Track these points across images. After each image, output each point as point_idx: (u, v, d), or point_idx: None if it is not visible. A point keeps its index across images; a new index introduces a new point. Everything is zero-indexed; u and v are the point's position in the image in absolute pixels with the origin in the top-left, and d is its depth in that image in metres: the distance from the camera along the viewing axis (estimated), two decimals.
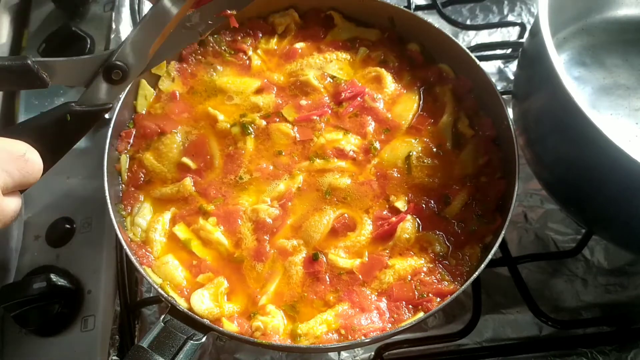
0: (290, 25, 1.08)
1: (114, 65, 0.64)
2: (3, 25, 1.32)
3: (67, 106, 0.63)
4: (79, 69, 0.64)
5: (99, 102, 0.66)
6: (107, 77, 0.65)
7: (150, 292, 1.00)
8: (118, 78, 0.66)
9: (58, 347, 0.95)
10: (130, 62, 0.65)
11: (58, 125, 0.63)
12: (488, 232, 0.89)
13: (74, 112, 0.64)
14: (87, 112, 0.65)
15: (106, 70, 0.64)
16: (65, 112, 0.63)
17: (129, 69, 0.66)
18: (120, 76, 0.65)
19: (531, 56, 0.89)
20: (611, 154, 0.70)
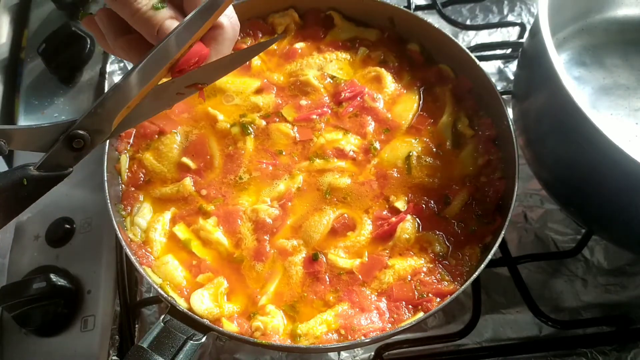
0: (290, 26, 1.08)
1: (76, 135, 0.62)
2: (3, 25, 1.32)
3: (24, 170, 0.61)
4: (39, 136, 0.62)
5: (59, 167, 0.64)
6: (68, 145, 0.63)
7: (150, 292, 1.00)
8: (79, 147, 0.64)
9: (58, 347, 0.95)
10: (93, 131, 0.63)
11: (14, 189, 0.61)
12: (488, 232, 0.89)
13: (31, 177, 0.61)
14: (45, 177, 0.63)
15: (67, 138, 0.62)
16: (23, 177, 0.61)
17: (92, 139, 0.64)
18: (82, 145, 0.63)
19: (531, 56, 0.89)
20: (611, 154, 0.70)
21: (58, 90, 1.22)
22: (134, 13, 0.62)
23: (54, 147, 0.62)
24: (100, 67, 1.22)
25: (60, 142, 0.62)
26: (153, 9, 0.62)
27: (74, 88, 1.22)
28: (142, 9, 0.62)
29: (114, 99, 0.63)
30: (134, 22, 0.63)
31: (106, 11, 0.68)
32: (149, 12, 0.62)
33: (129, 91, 0.63)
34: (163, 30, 0.62)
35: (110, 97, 0.62)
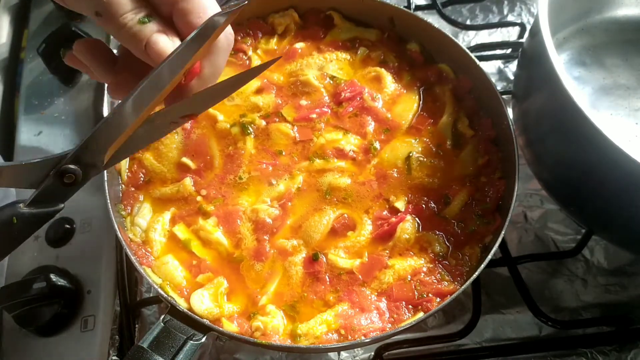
0: (290, 26, 1.08)
1: (67, 170, 0.60)
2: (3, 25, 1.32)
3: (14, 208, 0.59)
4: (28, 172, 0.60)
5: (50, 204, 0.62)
6: (59, 181, 0.61)
7: (150, 292, 1.00)
8: (71, 181, 0.61)
9: (58, 347, 0.95)
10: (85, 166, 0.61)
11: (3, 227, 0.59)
12: (488, 232, 0.89)
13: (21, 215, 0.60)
14: (36, 215, 0.60)
15: (58, 174, 0.60)
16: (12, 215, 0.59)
17: (84, 173, 0.62)
18: (73, 179, 0.61)
19: (531, 56, 0.89)
20: (611, 154, 0.70)
21: (58, 90, 1.22)
22: (120, 28, 0.59)
23: (44, 183, 0.60)
24: None
25: (51, 177, 0.60)
26: (139, 23, 0.59)
27: (74, 88, 1.22)
28: (127, 23, 0.59)
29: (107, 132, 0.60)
30: (120, 38, 0.61)
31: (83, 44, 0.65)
32: (135, 26, 0.59)
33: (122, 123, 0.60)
34: (150, 45, 0.59)
35: (102, 129, 0.60)
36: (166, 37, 0.60)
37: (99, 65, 0.66)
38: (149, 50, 0.60)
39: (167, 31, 0.61)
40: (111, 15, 0.58)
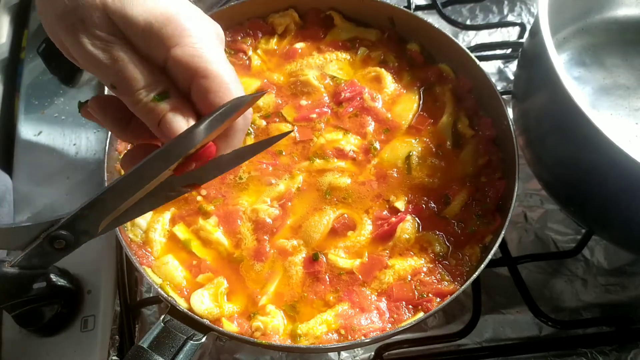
0: (290, 26, 1.08)
1: (58, 236, 0.59)
2: (3, 25, 1.32)
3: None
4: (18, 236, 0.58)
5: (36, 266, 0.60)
6: (49, 245, 0.59)
7: (150, 292, 1.00)
8: (61, 247, 0.60)
9: (58, 347, 0.95)
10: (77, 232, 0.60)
11: None
12: (488, 232, 0.89)
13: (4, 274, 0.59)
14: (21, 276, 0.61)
15: (48, 238, 0.58)
16: None
17: (75, 240, 0.60)
18: (64, 245, 0.60)
19: (531, 56, 0.89)
20: (611, 154, 0.70)
21: (58, 90, 1.22)
22: (135, 103, 0.58)
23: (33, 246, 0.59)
24: None
25: (41, 241, 0.58)
26: (154, 101, 0.57)
27: (74, 88, 1.22)
28: (142, 100, 0.57)
29: (105, 202, 0.59)
30: (135, 112, 0.59)
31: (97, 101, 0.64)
32: (149, 103, 0.57)
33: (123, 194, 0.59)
34: (164, 124, 0.57)
35: (101, 199, 0.58)
36: (181, 116, 0.58)
37: (113, 123, 0.64)
38: (162, 128, 0.58)
39: (182, 109, 0.58)
40: (126, 90, 0.57)
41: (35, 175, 1.12)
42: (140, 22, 0.55)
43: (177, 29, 0.56)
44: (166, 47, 0.56)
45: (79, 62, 0.58)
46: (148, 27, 0.55)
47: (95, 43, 0.55)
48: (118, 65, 0.56)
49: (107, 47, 0.56)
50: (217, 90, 0.57)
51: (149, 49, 0.57)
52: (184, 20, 0.57)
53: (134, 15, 0.55)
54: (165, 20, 0.56)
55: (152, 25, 0.55)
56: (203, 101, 0.58)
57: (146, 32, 0.56)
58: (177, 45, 0.56)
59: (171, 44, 0.56)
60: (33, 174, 1.12)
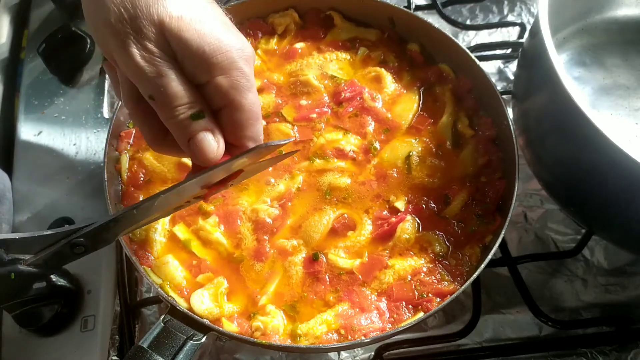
0: (290, 26, 1.08)
1: (78, 243, 0.62)
2: (3, 25, 1.32)
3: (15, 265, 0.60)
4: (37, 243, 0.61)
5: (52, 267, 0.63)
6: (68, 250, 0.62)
7: (150, 292, 1.00)
8: (80, 252, 0.63)
9: (58, 347, 0.95)
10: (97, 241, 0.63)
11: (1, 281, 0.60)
12: (488, 232, 0.89)
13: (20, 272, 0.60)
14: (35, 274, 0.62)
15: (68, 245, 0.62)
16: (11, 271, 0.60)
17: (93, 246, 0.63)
18: (83, 251, 0.63)
19: (531, 56, 0.89)
20: (611, 154, 0.70)
21: (58, 90, 1.22)
22: (169, 118, 0.60)
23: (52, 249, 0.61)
24: (100, 67, 1.22)
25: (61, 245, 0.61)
26: (190, 119, 0.60)
27: (74, 88, 1.22)
28: (179, 116, 0.60)
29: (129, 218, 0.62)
30: (167, 124, 0.62)
31: None
32: (185, 120, 0.60)
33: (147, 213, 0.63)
34: (195, 142, 0.61)
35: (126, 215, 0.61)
36: (212, 137, 0.62)
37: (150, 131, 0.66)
38: (192, 146, 0.61)
39: (213, 130, 0.62)
40: (165, 104, 0.59)
41: (35, 175, 1.12)
42: (192, 45, 0.58)
43: (227, 60, 0.60)
44: (212, 74, 0.60)
45: (121, 68, 0.60)
46: (200, 52, 0.59)
47: (145, 55, 0.57)
48: (162, 81, 0.58)
49: (155, 62, 0.58)
50: (244, 124, 0.63)
51: (194, 71, 0.60)
52: (234, 53, 0.60)
53: (188, 38, 0.58)
54: (216, 50, 0.59)
55: (204, 52, 0.59)
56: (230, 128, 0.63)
57: (196, 56, 0.59)
58: (222, 75, 0.60)
59: (218, 72, 0.60)
60: (33, 174, 1.12)
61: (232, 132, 0.63)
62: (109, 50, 0.60)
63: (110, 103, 1.19)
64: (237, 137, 0.64)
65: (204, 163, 0.62)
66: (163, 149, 0.68)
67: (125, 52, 0.57)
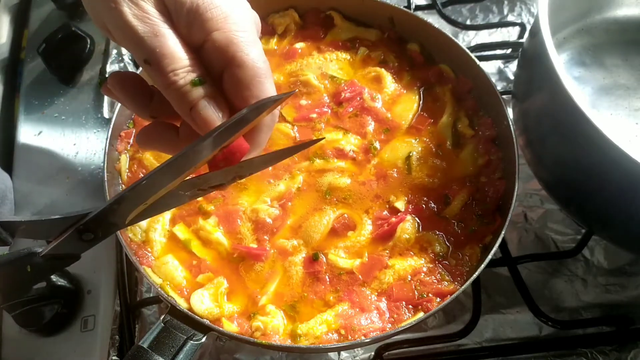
0: (290, 26, 1.08)
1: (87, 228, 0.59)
2: (3, 25, 1.32)
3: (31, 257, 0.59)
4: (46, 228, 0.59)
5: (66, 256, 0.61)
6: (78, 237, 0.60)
7: (150, 292, 1.00)
8: (89, 239, 0.61)
9: (58, 347, 0.95)
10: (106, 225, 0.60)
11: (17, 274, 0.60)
12: (488, 232, 0.89)
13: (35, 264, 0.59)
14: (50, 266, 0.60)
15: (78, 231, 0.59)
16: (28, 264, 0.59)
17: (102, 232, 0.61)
18: (92, 238, 0.60)
19: (531, 56, 0.89)
20: (611, 154, 0.70)
21: (58, 90, 1.22)
22: (169, 84, 0.56)
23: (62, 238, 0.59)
24: (100, 67, 1.22)
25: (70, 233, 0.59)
26: (190, 85, 0.56)
27: (74, 88, 1.22)
28: (178, 82, 0.55)
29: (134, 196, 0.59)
30: (166, 93, 0.58)
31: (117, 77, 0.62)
32: (185, 87, 0.56)
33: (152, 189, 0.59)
34: (196, 110, 0.57)
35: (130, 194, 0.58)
36: (215, 105, 0.57)
37: (133, 101, 0.63)
38: (194, 115, 0.57)
39: (216, 97, 0.58)
40: (162, 67, 0.55)
41: (36, 175, 1.12)
42: (187, 1, 0.55)
43: (222, 14, 0.56)
44: (207, 30, 0.56)
45: (113, 32, 0.57)
46: (194, 7, 0.55)
47: (137, 14, 0.54)
48: (158, 41, 0.54)
49: (149, 20, 0.54)
50: (249, 82, 0.57)
51: (189, 30, 0.56)
52: (229, 6, 0.57)
53: None
54: (211, 4, 0.55)
55: (198, 6, 0.55)
56: (234, 90, 0.58)
57: (191, 12, 0.55)
58: (218, 30, 0.56)
59: (213, 27, 0.56)
60: (33, 174, 1.12)
61: (238, 95, 0.58)
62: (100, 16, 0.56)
63: (110, 103, 1.19)
64: (245, 98, 0.58)
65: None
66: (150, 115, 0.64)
67: (116, 12, 0.54)
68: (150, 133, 0.65)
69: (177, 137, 0.65)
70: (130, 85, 0.62)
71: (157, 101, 0.63)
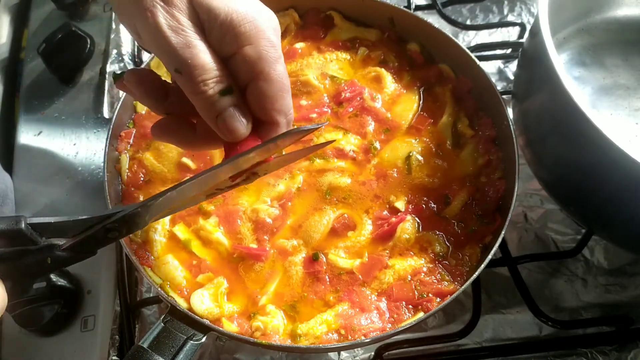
0: (290, 26, 1.08)
1: (113, 227, 0.61)
2: (3, 25, 1.32)
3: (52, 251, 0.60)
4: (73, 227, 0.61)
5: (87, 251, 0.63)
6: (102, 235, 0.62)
7: (150, 292, 1.00)
8: (114, 237, 0.63)
9: (58, 347, 0.95)
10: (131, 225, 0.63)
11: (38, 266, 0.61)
12: (488, 232, 0.89)
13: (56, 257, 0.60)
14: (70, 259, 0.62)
15: (105, 229, 0.61)
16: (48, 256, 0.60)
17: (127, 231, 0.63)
18: (116, 235, 0.63)
19: (531, 56, 0.89)
20: (611, 154, 0.70)
21: (58, 90, 1.22)
22: (198, 93, 0.58)
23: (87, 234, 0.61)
24: (100, 67, 1.22)
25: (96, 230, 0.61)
26: (219, 94, 0.58)
27: (74, 88, 1.22)
28: (207, 91, 0.58)
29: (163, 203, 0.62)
30: (194, 101, 0.60)
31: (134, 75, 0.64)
32: (214, 96, 0.58)
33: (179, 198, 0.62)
34: (223, 119, 0.59)
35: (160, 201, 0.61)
36: (240, 114, 0.60)
37: (149, 97, 0.65)
38: (220, 123, 0.60)
39: (242, 107, 0.60)
40: (192, 77, 0.57)
41: (36, 175, 1.12)
42: (221, 14, 0.57)
43: (254, 29, 0.58)
44: (239, 44, 0.58)
45: (145, 39, 0.59)
46: (228, 21, 0.57)
47: (172, 25, 0.56)
48: (190, 52, 0.56)
49: (182, 32, 0.56)
50: (274, 97, 0.61)
51: (221, 41, 0.58)
52: (260, 21, 0.59)
53: (216, 7, 0.57)
54: (244, 19, 0.57)
55: (232, 20, 0.57)
56: (257, 102, 0.61)
57: (224, 25, 0.57)
58: (250, 45, 0.58)
59: (245, 42, 0.58)
60: (33, 174, 1.13)
61: (261, 107, 0.61)
62: (132, 21, 0.58)
63: (110, 103, 1.19)
64: (266, 111, 0.61)
65: (233, 139, 0.61)
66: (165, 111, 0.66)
67: (152, 22, 0.56)
68: (165, 126, 0.67)
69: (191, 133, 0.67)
70: (147, 81, 0.64)
71: (174, 99, 0.65)
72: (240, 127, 0.60)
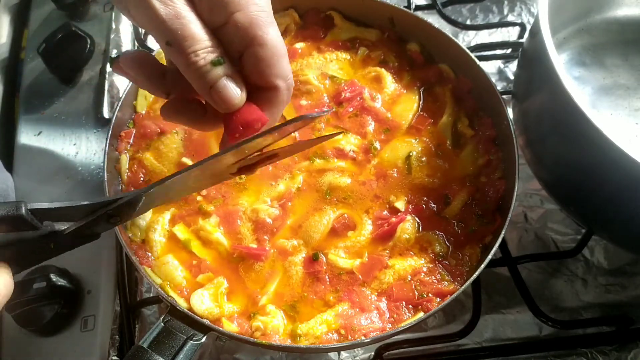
0: (290, 26, 1.08)
1: (116, 212, 0.63)
2: (3, 25, 1.32)
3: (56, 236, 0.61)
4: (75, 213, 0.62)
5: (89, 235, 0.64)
6: (106, 219, 0.63)
7: (150, 292, 1.00)
8: (116, 222, 0.64)
9: (58, 347, 0.95)
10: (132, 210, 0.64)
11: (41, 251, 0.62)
12: (488, 232, 0.89)
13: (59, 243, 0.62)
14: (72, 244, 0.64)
15: (107, 214, 0.62)
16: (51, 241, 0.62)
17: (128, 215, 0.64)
18: (118, 220, 0.64)
19: (531, 56, 0.89)
20: (611, 154, 0.70)
21: (58, 90, 1.22)
22: (189, 64, 0.58)
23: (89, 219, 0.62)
24: (100, 67, 1.22)
25: (98, 215, 0.62)
26: (210, 64, 0.58)
27: (74, 88, 1.22)
28: (198, 62, 0.57)
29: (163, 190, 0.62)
30: (186, 73, 0.59)
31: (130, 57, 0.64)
32: (206, 66, 0.58)
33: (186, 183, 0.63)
34: (216, 90, 0.59)
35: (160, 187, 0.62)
36: (234, 84, 0.60)
37: (146, 78, 0.65)
38: (213, 94, 0.59)
39: (235, 77, 0.60)
40: (183, 48, 0.57)
41: (36, 175, 1.12)
42: None
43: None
44: (229, 11, 0.57)
45: (135, 15, 0.59)
46: None
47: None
48: (179, 23, 0.56)
49: (171, 3, 0.56)
50: (270, 60, 0.59)
51: (211, 11, 0.58)
52: None
53: None
54: None
55: None
56: (254, 68, 0.60)
57: None
58: (240, 11, 0.57)
59: (235, 8, 0.57)
60: (33, 174, 1.13)
61: (259, 72, 0.60)
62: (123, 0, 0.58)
63: (110, 103, 1.19)
64: (265, 76, 0.60)
65: (227, 110, 0.61)
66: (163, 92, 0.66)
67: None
68: (172, 107, 0.67)
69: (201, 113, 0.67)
70: (143, 62, 0.64)
71: (171, 78, 0.65)
72: (234, 96, 0.60)
